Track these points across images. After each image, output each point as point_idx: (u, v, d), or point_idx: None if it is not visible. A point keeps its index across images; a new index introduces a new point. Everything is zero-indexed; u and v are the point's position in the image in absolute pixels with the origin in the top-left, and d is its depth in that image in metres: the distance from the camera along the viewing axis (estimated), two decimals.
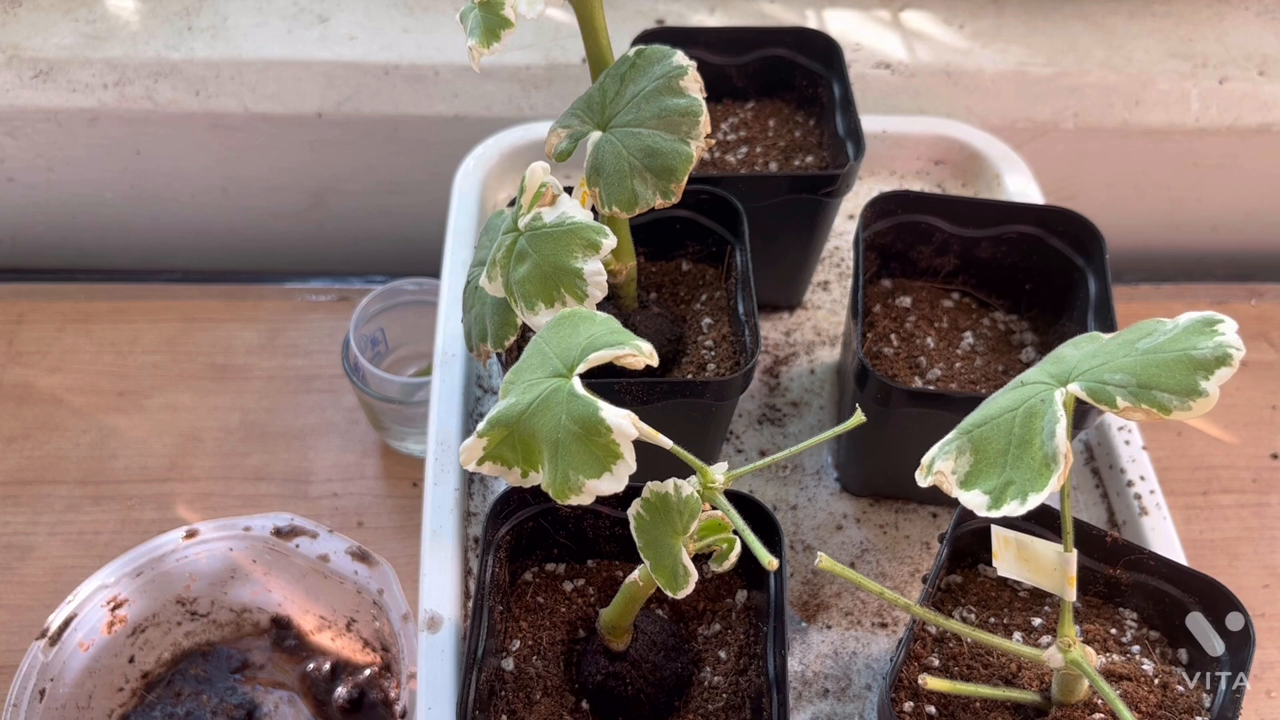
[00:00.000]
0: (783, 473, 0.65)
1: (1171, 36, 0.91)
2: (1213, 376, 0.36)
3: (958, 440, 0.40)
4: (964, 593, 0.52)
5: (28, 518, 0.78)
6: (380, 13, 0.89)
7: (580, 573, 0.54)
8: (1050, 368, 0.40)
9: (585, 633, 0.53)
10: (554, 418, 0.38)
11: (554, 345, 0.41)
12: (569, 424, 0.38)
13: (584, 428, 0.38)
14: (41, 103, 0.86)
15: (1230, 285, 0.95)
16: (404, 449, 0.81)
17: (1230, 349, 0.36)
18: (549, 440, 0.38)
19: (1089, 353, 0.40)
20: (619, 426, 0.37)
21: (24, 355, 0.87)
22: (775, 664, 0.47)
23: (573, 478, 0.38)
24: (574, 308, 0.43)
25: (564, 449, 0.38)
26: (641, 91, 0.49)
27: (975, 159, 0.79)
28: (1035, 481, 0.37)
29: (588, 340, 0.40)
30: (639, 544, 0.41)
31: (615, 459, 0.38)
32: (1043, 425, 0.38)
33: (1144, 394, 0.37)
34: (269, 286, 0.93)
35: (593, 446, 0.38)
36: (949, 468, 0.40)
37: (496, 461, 0.40)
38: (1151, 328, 0.40)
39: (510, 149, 0.78)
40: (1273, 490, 0.80)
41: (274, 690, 0.69)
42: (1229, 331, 0.37)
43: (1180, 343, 0.38)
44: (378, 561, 0.65)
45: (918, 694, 0.48)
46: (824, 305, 0.74)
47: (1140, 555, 0.50)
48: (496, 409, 0.40)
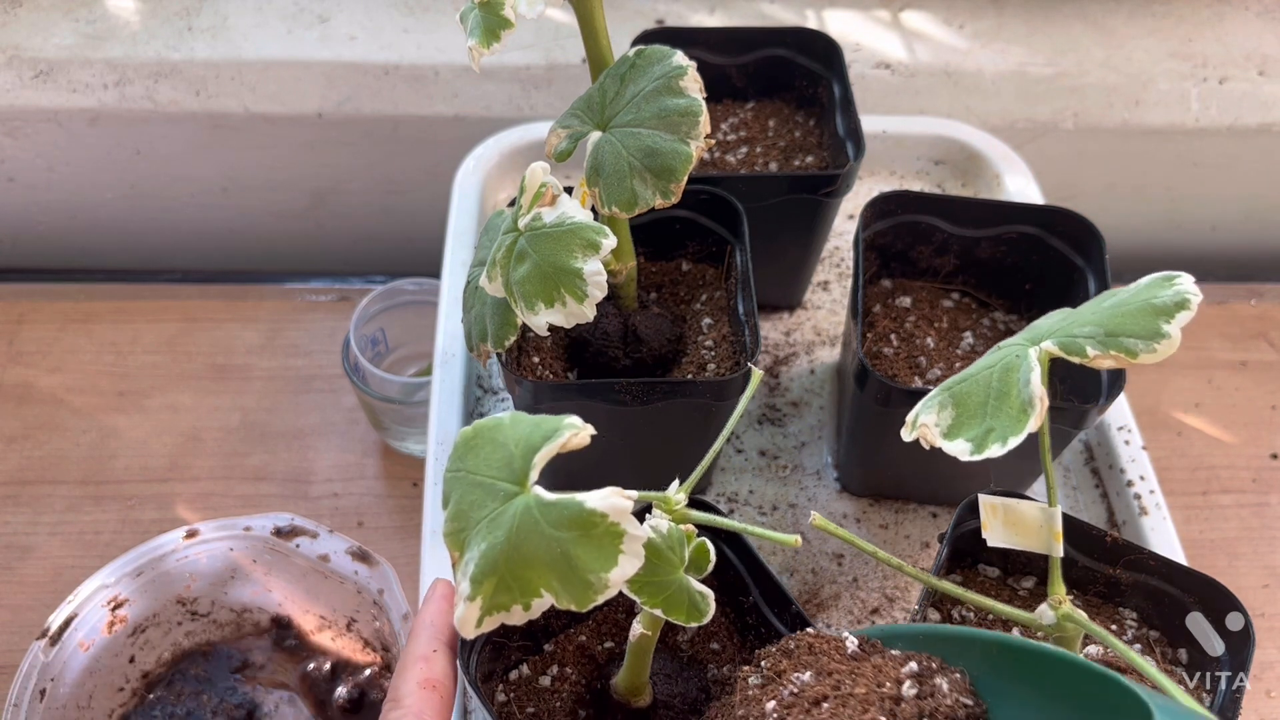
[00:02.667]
0: (783, 472, 0.65)
1: (1171, 36, 0.91)
2: (1174, 320, 0.39)
3: (940, 396, 0.42)
4: None
5: (28, 518, 0.78)
6: (380, 13, 0.89)
7: (546, 661, 0.49)
8: (1026, 334, 0.43)
9: (593, 709, 0.48)
10: (539, 536, 0.35)
11: (485, 469, 0.37)
12: (559, 533, 0.34)
13: (577, 527, 0.34)
14: (42, 103, 0.86)
15: (1230, 285, 0.95)
16: (404, 449, 0.81)
17: (1188, 295, 0.39)
18: (546, 561, 0.35)
19: (1059, 318, 0.43)
20: (612, 507, 0.34)
21: (24, 355, 0.87)
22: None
23: (593, 580, 0.34)
24: (469, 428, 0.39)
25: (569, 559, 0.34)
26: (641, 92, 0.49)
27: (975, 159, 0.79)
28: (1014, 426, 0.39)
29: (521, 445, 0.36)
30: (641, 600, 0.38)
31: (620, 538, 0.34)
32: (1019, 376, 0.40)
33: (1111, 341, 0.39)
34: (269, 286, 0.93)
35: (594, 539, 0.34)
36: (932, 420, 0.42)
37: (496, 613, 0.36)
38: (1115, 292, 0.43)
39: (510, 149, 0.78)
40: (1273, 490, 0.80)
41: (274, 690, 0.69)
42: (1186, 282, 0.40)
43: (1142, 295, 0.41)
44: (378, 561, 0.65)
45: None
46: (824, 305, 0.74)
47: (1140, 555, 0.50)
48: (468, 565, 0.36)
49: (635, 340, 0.57)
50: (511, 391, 0.56)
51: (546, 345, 0.58)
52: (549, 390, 0.54)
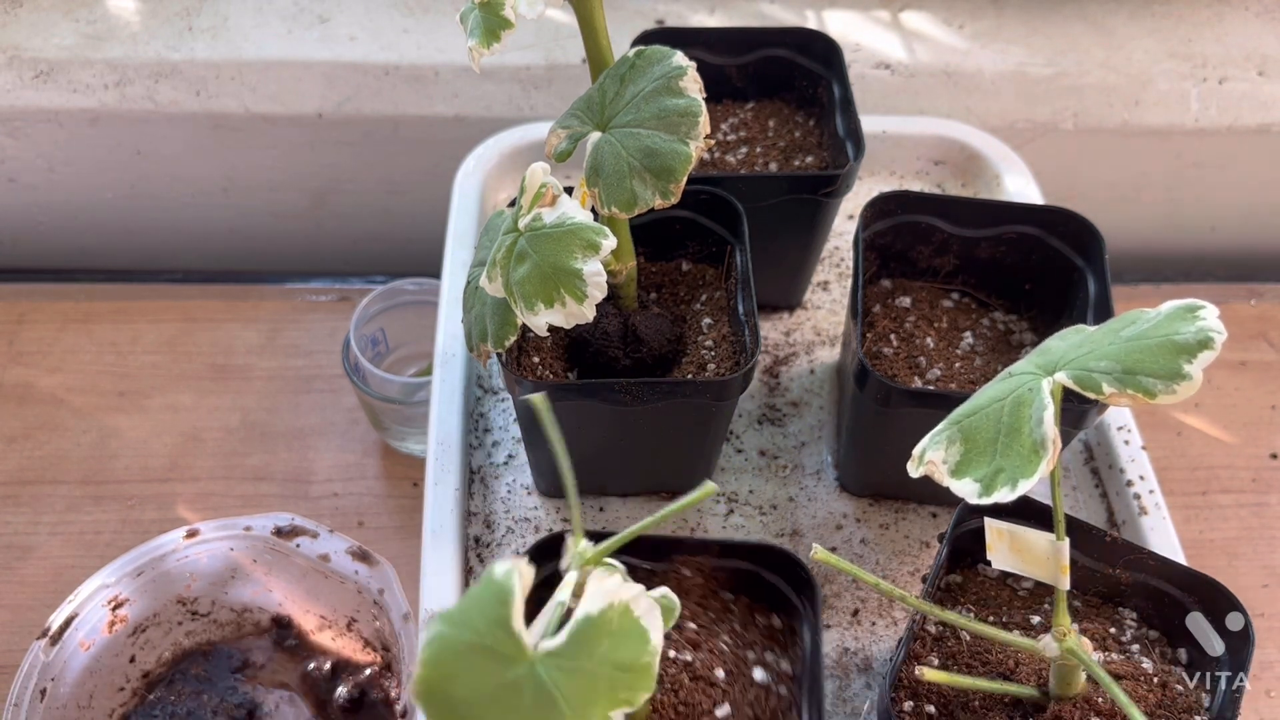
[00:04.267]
0: (783, 472, 0.65)
1: (1171, 37, 0.91)
2: (1195, 360, 0.37)
3: (948, 430, 0.41)
4: (963, 592, 0.53)
5: (29, 518, 0.78)
6: (380, 13, 0.89)
7: None
8: (1037, 359, 0.41)
9: None
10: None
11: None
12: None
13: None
14: (42, 103, 0.86)
15: (1230, 285, 0.95)
16: (404, 449, 0.81)
17: (1212, 333, 0.37)
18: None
19: (1074, 343, 0.41)
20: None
21: (25, 355, 0.87)
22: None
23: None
24: None
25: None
26: (641, 92, 0.49)
27: (975, 159, 0.79)
28: (1024, 468, 0.38)
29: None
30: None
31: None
32: (1031, 413, 0.38)
33: (1129, 379, 0.38)
34: (269, 286, 0.93)
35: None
36: (940, 457, 0.40)
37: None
38: (1134, 317, 0.41)
39: (510, 149, 0.78)
40: (1272, 490, 0.80)
41: (275, 690, 0.69)
42: (1210, 317, 0.38)
43: (1163, 329, 0.38)
44: (378, 561, 0.65)
45: (917, 693, 0.48)
46: (824, 305, 0.74)
47: (1140, 555, 0.50)
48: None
49: (635, 340, 0.58)
50: (511, 391, 0.56)
51: (546, 345, 0.58)
52: (549, 390, 0.54)
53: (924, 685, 0.48)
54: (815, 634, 0.45)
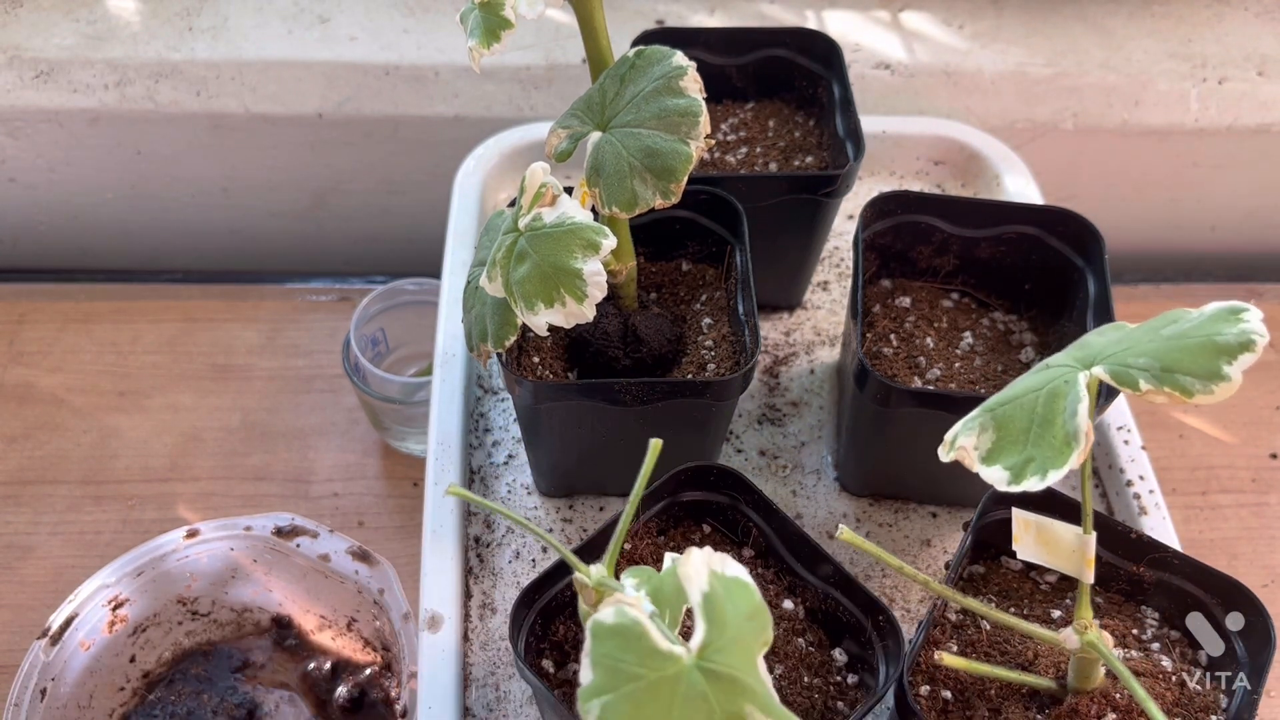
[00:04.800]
0: (783, 472, 0.65)
1: (1171, 37, 0.91)
2: (1236, 361, 0.37)
3: (980, 418, 0.41)
4: (986, 583, 0.53)
5: (29, 518, 0.78)
6: (380, 13, 0.89)
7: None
8: (1076, 353, 0.41)
9: None
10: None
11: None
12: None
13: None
14: (42, 103, 0.86)
15: (1229, 285, 0.95)
16: (404, 449, 0.81)
17: (1254, 335, 0.37)
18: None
19: (1114, 339, 0.41)
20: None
21: (25, 355, 0.87)
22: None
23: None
24: None
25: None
26: (641, 92, 0.49)
27: (975, 159, 0.79)
28: (1056, 459, 0.38)
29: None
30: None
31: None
32: (1065, 405, 0.39)
33: (1167, 377, 0.37)
34: (270, 286, 0.93)
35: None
36: (971, 443, 0.40)
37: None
38: (1176, 316, 0.41)
39: (510, 149, 0.78)
40: (1272, 490, 0.80)
41: (275, 690, 0.69)
42: (1253, 320, 0.38)
43: (1205, 329, 0.38)
44: (378, 561, 0.65)
45: (934, 679, 0.48)
46: (824, 305, 0.74)
47: (1165, 553, 0.50)
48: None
49: (635, 340, 0.58)
50: (511, 391, 0.56)
51: (546, 345, 0.58)
52: (549, 390, 0.55)
53: (941, 671, 0.48)
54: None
